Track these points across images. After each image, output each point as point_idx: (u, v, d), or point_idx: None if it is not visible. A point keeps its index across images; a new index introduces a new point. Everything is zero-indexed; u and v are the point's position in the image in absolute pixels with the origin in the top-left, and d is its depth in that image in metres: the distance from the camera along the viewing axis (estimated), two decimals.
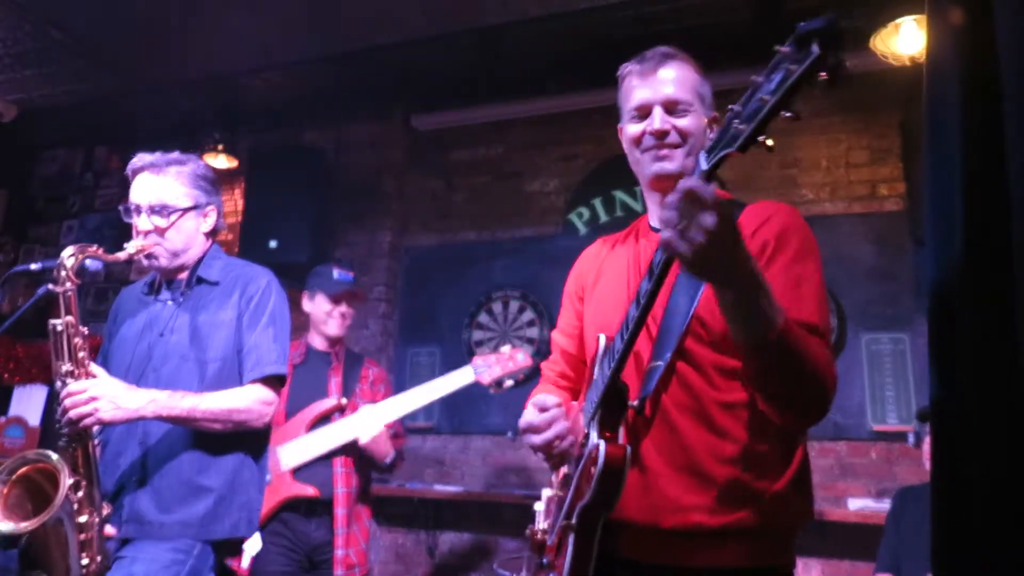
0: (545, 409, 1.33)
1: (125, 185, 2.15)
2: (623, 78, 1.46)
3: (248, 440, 1.97)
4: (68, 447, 1.75)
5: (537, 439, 1.32)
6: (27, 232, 5.51)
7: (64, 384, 1.76)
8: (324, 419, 2.80)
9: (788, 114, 0.95)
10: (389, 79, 4.47)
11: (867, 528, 3.14)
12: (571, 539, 1.25)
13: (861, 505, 3.34)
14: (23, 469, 1.72)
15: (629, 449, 1.22)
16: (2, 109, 4.90)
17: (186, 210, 2.03)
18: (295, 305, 3.00)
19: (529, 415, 1.35)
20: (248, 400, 1.91)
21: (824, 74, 0.91)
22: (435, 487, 4.05)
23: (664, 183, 1.40)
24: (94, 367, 1.81)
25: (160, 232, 2.00)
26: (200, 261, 2.07)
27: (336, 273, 2.99)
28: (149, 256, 2.00)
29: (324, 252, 4.53)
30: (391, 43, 4.07)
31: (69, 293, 1.80)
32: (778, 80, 0.93)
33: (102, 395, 1.73)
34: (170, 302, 2.04)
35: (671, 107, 1.38)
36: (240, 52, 4.23)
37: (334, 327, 2.94)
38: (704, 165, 1.00)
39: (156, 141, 5.28)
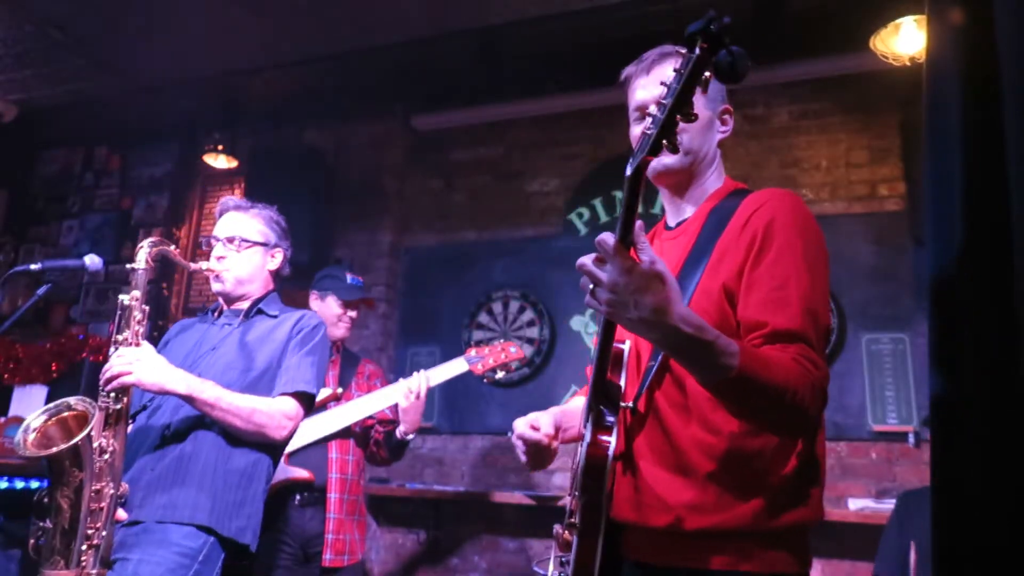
0: (536, 428, 1.41)
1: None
2: (626, 81, 1.48)
3: (265, 452, 2.04)
4: (106, 411, 1.85)
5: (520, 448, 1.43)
6: (27, 232, 5.50)
7: (116, 349, 1.91)
8: (319, 408, 2.81)
9: (681, 117, 0.99)
10: (389, 79, 4.46)
11: (867, 528, 3.14)
12: (575, 538, 1.27)
13: (861, 505, 3.34)
14: (64, 414, 1.86)
15: (611, 450, 1.22)
16: (2, 109, 4.90)
17: (256, 243, 2.24)
18: (302, 303, 3.03)
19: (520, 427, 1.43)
20: (273, 407, 2.00)
21: (710, 73, 0.96)
22: (435, 487, 4.05)
23: (663, 179, 1.44)
24: (144, 343, 1.94)
25: (231, 260, 2.20)
26: (262, 298, 2.26)
27: (350, 278, 3.04)
28: (217, 277, 2.20)
29: (324, 252, 4.53)
30: (391, 43, 4.07)
31: (141, 274, 1.98)
32: (674, 84, 0.98)
33: (143, 359, 1.87)
34: (227, 325, 2.20)
35: None
36: (240, 52, 4.23)
37: (342, 330, 2.99)
38: (627, 171, 1.05)
39: (156, 141, 5.32)
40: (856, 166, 3.85)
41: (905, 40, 3.21)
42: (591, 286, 1.07)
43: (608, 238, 1.04)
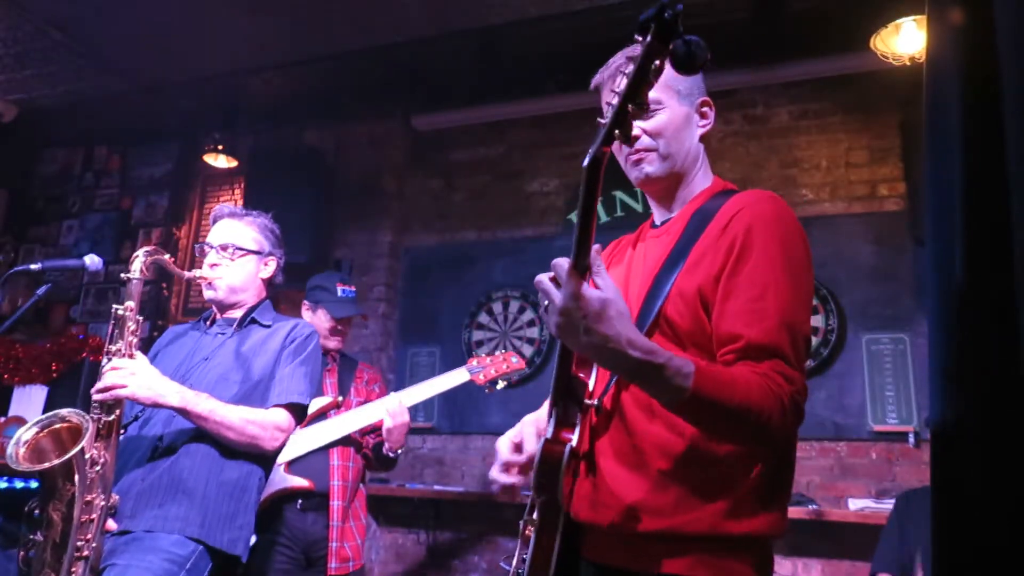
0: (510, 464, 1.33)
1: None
2: (596, 89, 1.45)
3: (257, 464, 2.04)
4: (98, 423, 1.84)
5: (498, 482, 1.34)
6: (27, 232, 5.51)
7: (109, 360, 1.90)
8: (320, 417, 2.81)
9: (633, 107, 0.99)
10: (389, 79, 4.47)
11: (867, 528, 3.14)
12: (533, 535, 1.26)
13: (861, 505, 3.33)
14: (57, 426, 1.85)
15: (568, 448, 1.19)
16: (2, 109, 4.90)
17: (249, 251, 2.24)
18: (301, 303, 3.04)
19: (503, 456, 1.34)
20: (266, 419, 2.00)
21: (659, 62, 0.96)
22: (435, 487, 4.05)
23: (649, 187, 1.42)
24: (139, 354, 1.94)
25: (224, 267, 2.19)
26: (255, 307, 2.25)
27: (340, 291, 3.01)
28: (210, 285, 2.18)
29: (324, 252, 4.53)
30: (391, 43, 4.07)
31: (136, 283, 1.97)
32: (627, 75, 0.98)
33: (138, 373, 1.86)
34: (220, 335, 2.19)
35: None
36: (240, 52, 4.23)
37: (335, 342, 3.00)
38: (584, 162, 1.06)
39: (156, 141, 5.32)
40: (856, 166, 3.85)
41: (905, 40, 3.21)
42: (545, 303, 1.08)
43: (562, 263, 1.05)
